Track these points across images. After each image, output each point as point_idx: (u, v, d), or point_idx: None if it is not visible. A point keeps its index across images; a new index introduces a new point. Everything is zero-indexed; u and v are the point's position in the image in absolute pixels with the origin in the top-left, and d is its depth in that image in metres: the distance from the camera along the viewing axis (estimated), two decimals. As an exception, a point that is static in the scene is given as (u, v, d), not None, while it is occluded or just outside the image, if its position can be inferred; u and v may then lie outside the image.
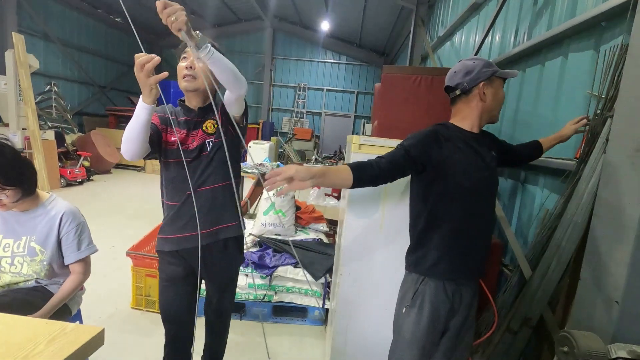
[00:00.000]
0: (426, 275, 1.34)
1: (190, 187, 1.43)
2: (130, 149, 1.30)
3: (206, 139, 1.49)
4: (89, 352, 1.12)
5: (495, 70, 1.35)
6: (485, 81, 1.33)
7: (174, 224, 1.50)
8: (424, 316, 1.32)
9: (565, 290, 1.69)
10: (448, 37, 5.20)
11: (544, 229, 1.85)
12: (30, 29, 8.11)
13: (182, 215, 1.48)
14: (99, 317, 2.56)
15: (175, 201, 1.49)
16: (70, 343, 1.06)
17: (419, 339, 1.33)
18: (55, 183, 6.33)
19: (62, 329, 1.12)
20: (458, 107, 1.40)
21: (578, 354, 0.90)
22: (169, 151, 1.47)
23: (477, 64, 1.35)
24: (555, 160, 1.97)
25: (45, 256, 1.54)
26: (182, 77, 1.43)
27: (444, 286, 1.33)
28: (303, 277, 2.61)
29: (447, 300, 1.33)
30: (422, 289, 1.34)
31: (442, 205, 1.32)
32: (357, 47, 12.23)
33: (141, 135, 1.28)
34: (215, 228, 1.52)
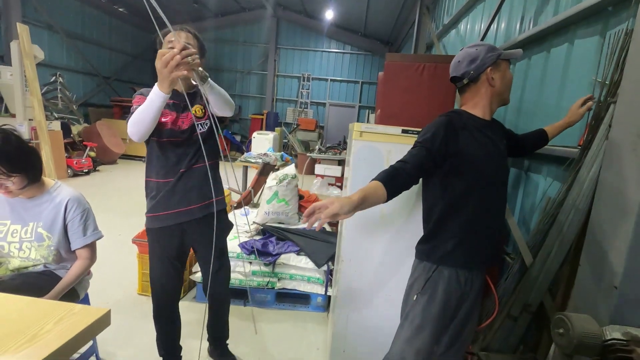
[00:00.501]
0: (440, 264, 1.34)
1: (184, 165, 1.59)
2: (141, 131, 1.39)
3: (197, 121, 1.62)
4: (96, 332, 1.16)
5: (500, 53, 1.34)
6: (491, 66, 1.32)
7: (169, 201, 1.61)
8: (435, 303, 1.33)
9: (565, 277, 1.70)
10: (453, 25, 5.12)
11: (545, 217, 1.85)
12: (34, 19, 8.12)
13: (177, 191, 1.61)
14: (107, 302, 2.62)
15: (169, 178, 1.60)
16: (78, 323, 1.09)
17: (429, 325, 1.34)
18: (62, 173, 6.41)
19: (70, 310, 1.15)
20: (467, 95, 1.39)
21: (573, 335, 0.92)
22: (163, 131, 1.55)
23: (481, 50, 1.33)
24: (559, 148, 1.96)
25: (52, 241, 1.57)
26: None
27: (457, 274, 1.33)
28: (306, 264, 2.64)
29: (459, 288, 1.34)
30: (435, 277, 1.34)
31: (460, 195, 1.30)
32: (361, 36, 12.09)
33: (153, 119, 1.39)
34: (207, 202, 1.69)
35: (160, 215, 1.63)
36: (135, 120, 1.38)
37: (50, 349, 0.92)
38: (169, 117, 1.56)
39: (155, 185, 1.63)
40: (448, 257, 1.33)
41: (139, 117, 1.37)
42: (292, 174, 3.08)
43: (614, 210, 1.32)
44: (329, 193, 4.16)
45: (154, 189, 1.63)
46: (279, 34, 12.41)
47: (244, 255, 2.64)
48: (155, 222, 1.64)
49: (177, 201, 1.62)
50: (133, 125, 1.38)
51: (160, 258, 1.70)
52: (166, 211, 1.62)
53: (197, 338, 2.24)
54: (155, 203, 1.62)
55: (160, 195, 1.61)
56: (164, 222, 1.64)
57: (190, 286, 2.86)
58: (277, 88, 12.79)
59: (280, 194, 3.02)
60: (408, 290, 1.45)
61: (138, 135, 1.41)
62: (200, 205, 1.67)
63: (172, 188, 1.60)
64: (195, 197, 1.64)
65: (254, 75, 12.87)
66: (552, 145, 2.05)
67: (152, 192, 1.64)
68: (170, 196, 1.61)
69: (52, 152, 6.05)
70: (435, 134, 1.28)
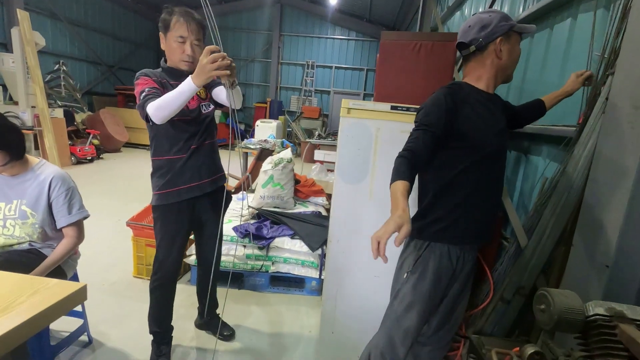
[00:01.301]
0: (432, 240, 1.30)
1: (195, 142, 1.69)
2: (165, 116, 1.43)
3: (201, 102, 1.70)
4: (71, 306, 1.15)
5: (513, 24, 1.24)
6: (502, 36, 1.23)
7: (181, 176, 1.68)
8: (426, 281, 1.29)
9: (560, 258, 1.65)
10: (458, 7, 4.98)
11: (542, 198, 1.79)
12: (36, 6, 8.09)
13: (189, 166, 1.68)
14: (103, 284, 2.64)
15: (182, 154, 1.66)
16: (52, 296, 1.09)
17: (419, 303, 1.31)
18: (66, 160, 6.46)
19: (45, 284, 1.15)
20: (471, 65, 1.30)
21: (554, 311, 0.88)
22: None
23: (494, 17, 1.23)
24: (558, 128, 1.89)
25: (37, 219, 1.57)
26: (181, 60, 1.60)
27: (448, 252, 1.29)
28: (300, 248, 2.62)
29: (450, 266, 1.30)
30: (426, 255, 1.30)
31: (458, 171, 1.24)
32: (366, 21, 11.86)
33: (180, 107, 1.44)
34: (215, 176, 1.81)
35: (173, 191, 1.68)
36: (161, 106, 1.42)
37: (22, 319, 0.93)
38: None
39: (166, 162, 1.67)
40: (441, 234, 1.29)
41: (166, 103, 1.41)
42: (288, 158, 3.04)
43: (609, 186, 1.26)
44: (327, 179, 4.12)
45: (165, 165, 1.67)
46: (283, 20, 12.24)
47: (238, 239, 2.63)
48: (169, 197, 1.68)
49: (190, 176, 1.69)
50: (158, 109, 1.42)
51: (172, 233, 1.74)
52: (179, 186, 1.68)
53: (189, 319, 2.26)
54: (168, 180, 1.67)
55: (172, 172, 1.66)
56: (178, 197, 1.69)
57: (185, 269, 2.86)
58: (281, 76, 12.67)
59: (276, 177, 2.99)
60: (398, 268, 1.41)
61: (161, 119, 1.45)
62: (209, 180, 1.76)
63: (184, 164, 1.67)
64: (205, 172, 1.74)
65: (258, 62, 12.75)
66: (551, 125, 1.98)
67: (161, 170, 1.68)
68: (183, 172, 1.68)
69: (55, 140, 6.09)
70: (434, 112, 1.21)
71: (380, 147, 1.70)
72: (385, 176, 1.76)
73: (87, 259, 2.91)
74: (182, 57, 1.59)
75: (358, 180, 1.71)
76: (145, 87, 1.50)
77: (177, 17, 1.54)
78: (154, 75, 1.57)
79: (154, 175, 1.70)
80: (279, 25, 12.15)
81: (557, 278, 1.67)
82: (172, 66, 1.63)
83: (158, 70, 1.63)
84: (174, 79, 1.62)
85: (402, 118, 1.66)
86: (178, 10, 1.56)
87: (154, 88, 1.51)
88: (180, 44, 1.57)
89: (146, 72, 1.57)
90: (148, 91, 1.48)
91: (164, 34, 1.59)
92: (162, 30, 1.59)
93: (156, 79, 1.56)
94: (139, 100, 1.49)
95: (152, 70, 1.59)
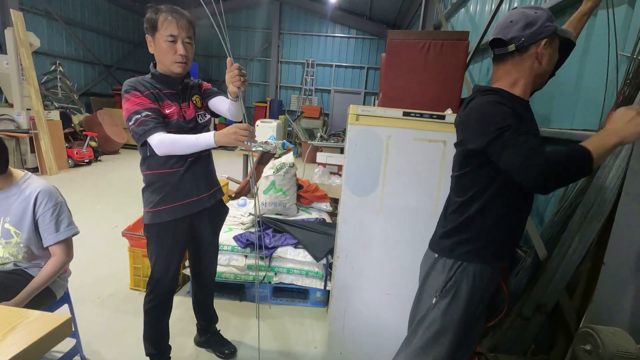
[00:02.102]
0: (466, 260, 1.17)
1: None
2: (170, 154, 1.44)
3: (197, 112, 1.61)
4: (53, 343, 1.03)
5: (556, 26, 1.09)
6: (547, 38, 1.07)
7: (179, 191, 1.55)
8: (459, 307, 1.17)
9: (586, 275, 1.53)
10: (462, 4, 4.85)
11: (563, 208, 1.68)
12: (32, 6, 7.95)
13: (187, 180, 1.56)
14: (98, 297, 2.52)
15: (178, 167, 1.53)
16: (32, 332, 0.98)
17: (450, 331, 1.19)
18: (62, 163, 6.34)
19: (26, 318, 1.04)
20: (506, 68, 1.13)
21: (604, 353, 0.76)
22: (170, 123, 1.50)
23: (541, 15, 1.08)
24: (579, 132, 1.78)
25: (22, 238, 1.45)
26: (174, 61, 1.47)
27: (481, 273, 1.17)
28: (304, 258, 2.51)
29: (482, 287, 1.18)
30: (458, 277, 1.17)
31: (509, 186, 1.09)
32: (367, 19, 11.70)
33: (188, 152, 1.45)
34: (214, 189, 1.71)
35: (170, 208, 1.55)
36: (170, 146, 1.40)
37: (-9, 366, 0.81)
38: (172, 109, 1.51)
39: (160, 177, 1.53)
40: (478, 253, 1.16)
41: (177, 147, 1.40)
42: (290, 163, 2.92)
43: (647, 201, 1.15)
44: (330, 182, 4.01)
45: (159, 180, 1.53)
46: (282, 18, 12.08)
47: (238, 249, 2.51)
48: (166, 215, 1.55)
49: (188, 191, 1.58)
50: (166, 147, 1.40)
51: (168, 252, 1.61)
52: (177, 202, 1.55)
53: (188, 335, 2.15)
54: (164, 196, 1.53)
55: (168, 187, 1.53)
56: (175, 214, 1.56)
57: (184, 280, 2.75)
58: (280, 75, 12.52)
59: (278, 183, 2.87)
60: (421, 291, 1.28)
61: (164, 154, 1.43)
62: (208, 194, 1.66)
63: (181, 177, 1.54)
64: (204, 186, 1.63)
65: (257, 61, 12.59)
66: (572, 129, 1.87)
67: (155, 185, 1.54)
68: (180, 186, 1.55)
69: (51, 142, 5.97)
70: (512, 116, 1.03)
71: (391, 156, 1.58)
72: (397, 187, 1.65)
73: (82, 270, 2.81)
74: (175, 58, 1.46)
75: (368, 192, 1.59)
76: (139, 108, 1.40)
77: (164, 15, 1.41)
78: (144, 87, 1.45)
79: (146, 191, 1.57)
80: (278, 23, 11.99)
81: (583, 297, 1.56)
82: (163, 72, 1.51)
83: (148, 77, 1.51)
84: (167, 86, 1.52)
85: (415, 125, 1.54)
86: (165, 8, 1.43)
87: (150, 111, 1.40)
88: (171, 44, 1.44)
89: (135, 84, 1.44)
90: (145, 117, 1.38)
91: (152, 35, 1.46)
92: (149, 32, 1.46)
93: (148, 92, 1.45)
94: (132, 123, 1.39)
95: (141, 80, 1.48)
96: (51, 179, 5.75)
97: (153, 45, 1.47)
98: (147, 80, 1.48)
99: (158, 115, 1.43)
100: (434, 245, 1.27)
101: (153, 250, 1.61)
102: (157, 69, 1.52)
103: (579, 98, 1.99)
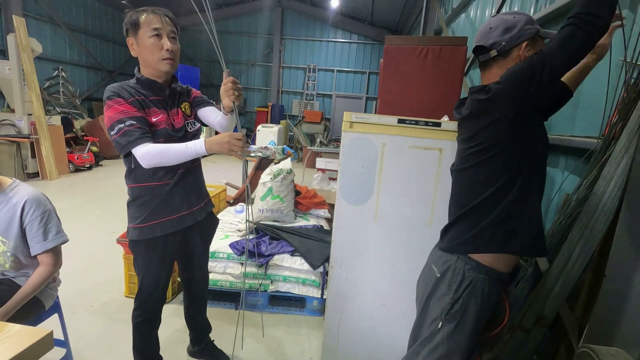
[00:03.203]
0: (479, 251, 1.11)
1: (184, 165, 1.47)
2: (158, 165, 1.37)
3: (186, 120, 1.53)
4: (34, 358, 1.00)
5: (538, 28, 1.10)
6: (528, 41, 1.08)
7: (169, 205, 1.47)
8: (466, 331, 1.12)
9: (587, 286, 1.49)
10: (463, 9, 4.84)
11: (564, 217, 1.64)
12: (35, 12, 8.02)
13: (177, 193, 1.48)
14: (92, 305, 2.49)
15: (167, 180, 1.45)
16: (11, 348, 0.94)
17: (455, 355, 1.14)
18: (63, 168, 6.34)
19: (5, 332, 1.01)
20: (492, 72, 1.14)
21: (603, 377, 0.72)
22: (157, 132, 1.41)
23: (519, 19, 1.09)
24: (579, 139, 1.74)
25: (8, 247, 1.43)
26: (161, 58, 1.38)
27: (489, 291, 1.11)
28: (301, 265, 2.47)
29: (489, 307, 1.14)
30: (466, 299, 1.11)
31: (527, 176, 1.07)
32: (368, 24, 11.73)
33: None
34: (204, 202, 1.63)
35: (159, 223, 1.46)
36: (156, 157, 1.33)
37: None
38: (160, 116, 1.43)
39: (147, 190, 1.44)
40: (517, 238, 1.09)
41: (165, 158, 1.34)
42: (288, 169, 2.89)
43: (649, 212, 1.11)
44: (329, 188, 3.97)
45: (146, 194, 1.44)
46: (284, 24, 12.13)
47: (234, 256, 2.48)
48: (154, 230, 1.45)
49: (179, 205, 1.49)
50: (152, 158, 1.32)
51: (156, 267, 1.53)
52: (166, 217, 1.46)
53: (181, 344, 2.11)
54: (152, 210, 1.44)
55: (157, 201, 1.44)
56: (165, 230, 1.47)
57: (180, 289, 2.71)
58: (282, 80, 12.55)
59: (275, 190, 2.84)
60: (423, 312, 1.22)
61: (150, 167, 1.36)
62: (199, 207, 1.58)
63: (171, 190, 1.45)
64: (195, 198, 1.56)
65: (259, 66, 12.64)
66: (571, 136, 1.83)
67: (141, 199, 1.45)
68: (170, 200, 1.46)
69: (52, 147, 5.98)
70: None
71: (386, 164, 1.54)
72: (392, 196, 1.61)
73: (78, 277, 2.78)
74: (162, 54, 1.36)
75: (362, 201, 1.56)
76: (123, 116, 1.31)
77: (146, 13, 1.35)
78: (128, 93, 1.36)
79: (132, 205, 1.47)
80: (280, 28, 12.04)
81: (584, 309, 1.51)
82: (149, 76, 1.43)
83: (132, 82, 1.42)
84: (154, 92, 1.43)
85: (410, 132, 1.51)
86: (145, 8, 1.37)
87: (135, 119, 1.32)
88: (157, 39, 1.35)
89: (118, 90, 1.35)
90: (129, 126, 1.30)
91: (134, 35, 1.37)
92: (132, 32, 1.37)
93: (133, 98, 1.36)
94: (114, 133, 1.31)
95: (125, 86, 1.38)
96: (51, 183, 5.76)
97: (136, 46, 1.39)
98: (131, 86, 1.39)
99: (143, 124, 1.34)
100: (446, 242, 1.19)
101: (141, 266, 1.53)
102: (142, 74, 1.43)
103: (579, 104, 1.95)
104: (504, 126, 1.05)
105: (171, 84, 1.49)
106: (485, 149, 1.09)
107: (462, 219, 1.16)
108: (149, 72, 1.42)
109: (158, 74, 1.43)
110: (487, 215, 1.10)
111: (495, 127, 1.06)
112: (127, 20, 1.37)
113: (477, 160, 1.12)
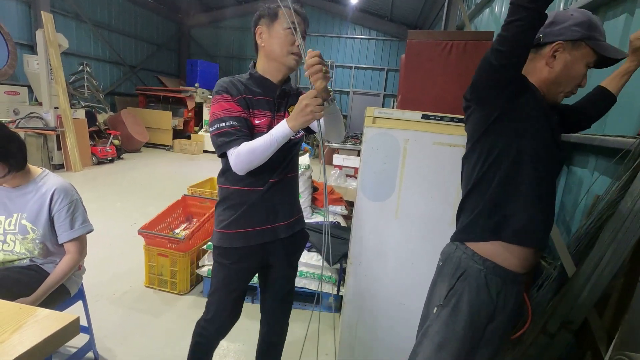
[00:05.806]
0: (484, 239, 1.07)
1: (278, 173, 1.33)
2: (251, 168, 1.22)
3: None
4: (61, 342, 1.03)
5: (591, 36, 0.98)
6: (565, 42, 0.99)
7: (255, 215, 1.33)
8: (459, 318, 1.09)
9: (617, 292, 1.43)
10: (487, 4, 4.71)
11: (594, 219, 1.57)
12: (62, 9, 8.25)
13: (265, 204, 1.32)
14: (113, 294, 2.56)
15: (257, 186, 1.30)
16: (39, 332, 0.96)
17: (452, 342, 1.10)
18: (87, 161, 6.53)
19: (33, 317, 1.04)
20: (527, 65, 1.05)
21: (641, 387, 0.68)
22: (257, 135, 1.27)
23: (576, 18, 0.99)
24: (612, 138, 1.66)
25: (37, 235, 1.47)
26: (290, 52, 1.29)
27: (486, 283, 1.07)
28: (317, 261, 2.47)
29: (490, 301, 1.08)
30: (459, 287, 1.09)
31: (515, 163, 1.02)
32: (388, 20, 11.58)
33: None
34: (294, 219, 1.42)
35: (240, 233, 1.32)
36: (246, 156, 1.18)
37: (-4, 365, 0.80)
38: (264, 119, 1.31)
39: (236, 194, 1.32)
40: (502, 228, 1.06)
41: (255, 157, 1.18)
42: (305, 165, 2.89)
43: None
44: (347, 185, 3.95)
45: (234, 197, 1.33)
46: (303, 20, 12.10)
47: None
48: (239, 239, 1.33)
49: (265, 217, 1.33)
50: (244, 162, 1.19)
51: (231, 281, 1.38)
52: (249, 228, 1.32)
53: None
54: (238, 217, 1.32)
55: (244, 208, 1.31)
56: (248, 241, 1.33)
57: (198, 280, 2.76)
58: (300, 77, 12.55)
59: (293, 185, 2.84)
60: (429, 297, 1.21)
61: (245, 172, 1.22)
62: (286, 223, 1.38)
63: (260, 199, 1.31)
64: (283, 213, 1.36)
65: (277, 63, 12.65)
66: (604, 135, 1.76)
67: (229, 201, 1.34)
68: (257, 210, 1.32)
69: (76, 140, 6.16)
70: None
71: (409, 161, 1.52)
72: (414, 193, 1.59)
73: (100, 266, 2.86)
74: (292, 48, 1.27)
75: (383, 198, 1.54)
76: (226, 115, 1.23)
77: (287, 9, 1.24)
78: (237, 90, 1.27)
79: (220, 206, 1.37)
80: (298, 25, 12.02)
81: (614, 316, 1.45)
82: (263, 74, 1.33)
83: (244, 78, 1.32)
84: (264, 92, 1.32)
85: (434, 128, 1.48)
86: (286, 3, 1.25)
87: (236, 120, 1.23)
88: (291, 33, 1.25)
89: (228, 85, 1.26)
90: (229, 127, 1.21)
91: (268, 24, 1.28)
92: (266, 21, 1.28)
93: (240, 96, 1.27)
94: (213, 130, 1.24)
95: (235, 82, 1.28)
96: (75, 175, 5.93)
97: (266, 35, 1.29)
98: (242, 82, 1.30)
99: (244, 126, 1.24)
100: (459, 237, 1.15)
101: (215, 275, 1.41)
102: (257, 70, 1.34)
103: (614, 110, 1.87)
104: (476, 115, 1.06)
105: (283, 84, 1.37)
106: (470, 137, 1.10)
107: (462, 208, 1.15)
108: (268, 67, 1.33)
109: (279, 68, 1.33)
110: (479, 203, 1.08)
111: (473, 116, 1.08)
112: (265, 8, 1.30)
113: (469, 148, 1.12)
